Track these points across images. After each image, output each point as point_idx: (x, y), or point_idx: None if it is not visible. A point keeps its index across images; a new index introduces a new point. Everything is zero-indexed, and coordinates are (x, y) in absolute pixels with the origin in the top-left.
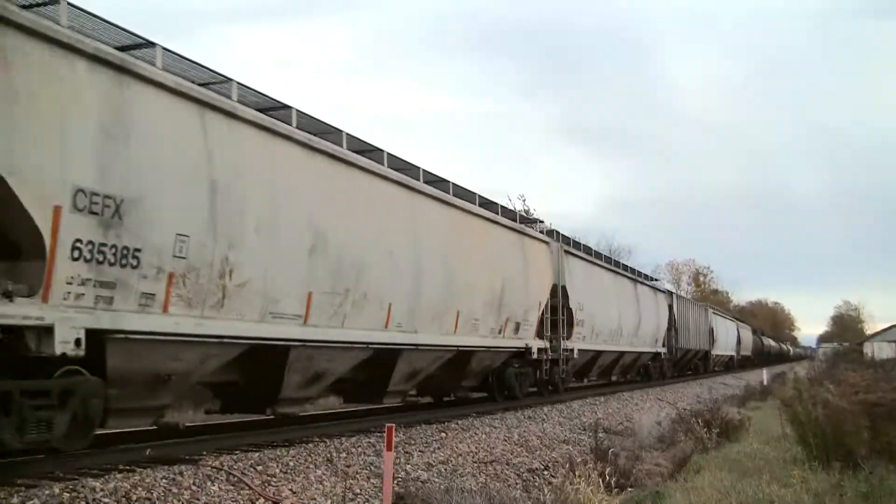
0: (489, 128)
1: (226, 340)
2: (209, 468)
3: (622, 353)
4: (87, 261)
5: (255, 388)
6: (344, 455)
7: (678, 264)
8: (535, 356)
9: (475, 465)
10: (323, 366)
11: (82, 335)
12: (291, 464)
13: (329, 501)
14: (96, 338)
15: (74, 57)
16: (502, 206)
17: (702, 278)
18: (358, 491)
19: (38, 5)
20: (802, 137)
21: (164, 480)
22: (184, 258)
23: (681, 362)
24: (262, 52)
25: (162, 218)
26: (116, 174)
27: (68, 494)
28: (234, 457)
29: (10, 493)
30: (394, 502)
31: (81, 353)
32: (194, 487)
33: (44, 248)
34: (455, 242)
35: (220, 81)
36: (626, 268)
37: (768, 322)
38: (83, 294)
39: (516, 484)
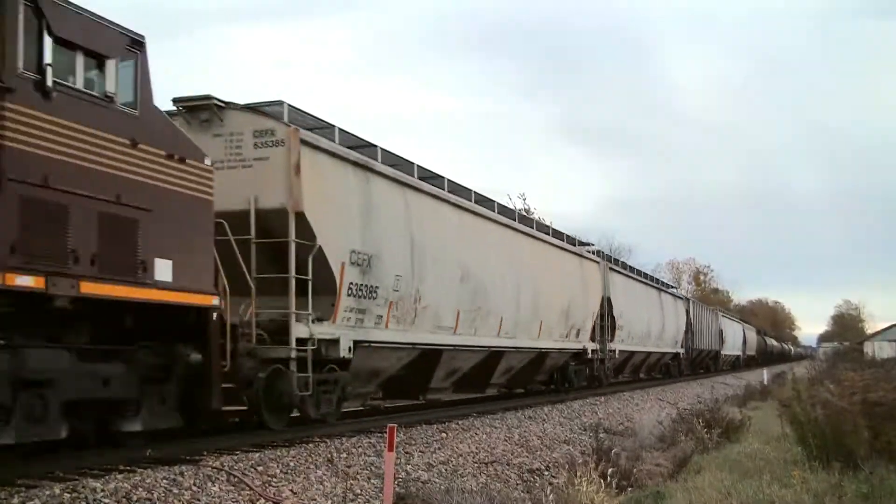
0: (489, 128)
1: (416, 346)
2: (210, 468)
3: (650, 353)
4: (353, 296)
5: (414, 381)
6: (344, 455)
7: (678, 263)
8: (589, 356)
9: (476, 465)
10: (458, 364)
11: (351, 345)
12: (292, 464)
13: (329, 502)
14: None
15: (346, 164)
16: (567, 235)
17: (702, 277)
18: (358, 491)
19: (320, 128)
20: (802, 137)
21: (164, 481)
22: (397, 291)
23: (695, 361)
24: (263, 51)
25: (388, 265)
26: (368, 239)
27: (69, 495)
28: (235, 457)
29: (11, 494)
30: (394, 503)
31: (351, 356)
32: (195, 488)
33: (334, 289)
34: (539, 267)
35: (405, 164)
36: (652, 279)
37: (768, 321)
38: (350, 318)
39: (517, 485)
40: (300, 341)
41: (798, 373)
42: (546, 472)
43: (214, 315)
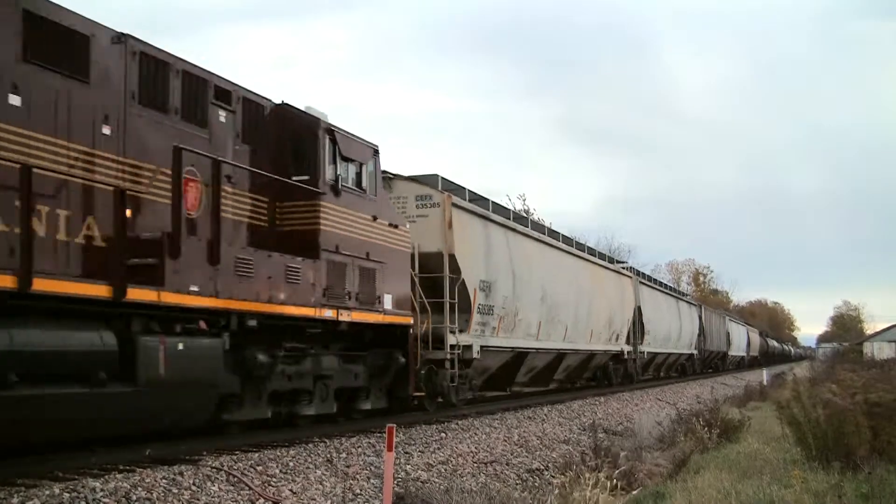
0: (489, 127)
1: (514, 349)
2: (209, 468)
3: (669, 354)
4: (480, 313)
5: (503, 377)
6: (344, 455)
7: (678, 264)
8: (625, 356)
9: (475, 465)
10: (536, 363)
11: (479, 348)
12: (291, 464)
13: (329, 502)
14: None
15: (475, 216)
16: (609, 256)
17: (702, 278)
18: (358, 491)
19: (456, 189)
20: (802, 137)
21: (163, 480)
22: (504, 308)
23: (706, 361)
24: (265, 51)
25: (500, 289)
26: (489, 270)
27: (68, 494)
28: (234, 457)
29: (11, 493)
30: (394, 502)
31: (477, 357)
32: (194, 487)
33: (469, 308)
34: (591, 284)
35: (503, 209)
36: (672, 288)
37: (768, 322)
38: (478, 329)
39: (516, 484)
40: (451, 347)
41: (798, 373)
42: (545, 472)
43: (411, 330)
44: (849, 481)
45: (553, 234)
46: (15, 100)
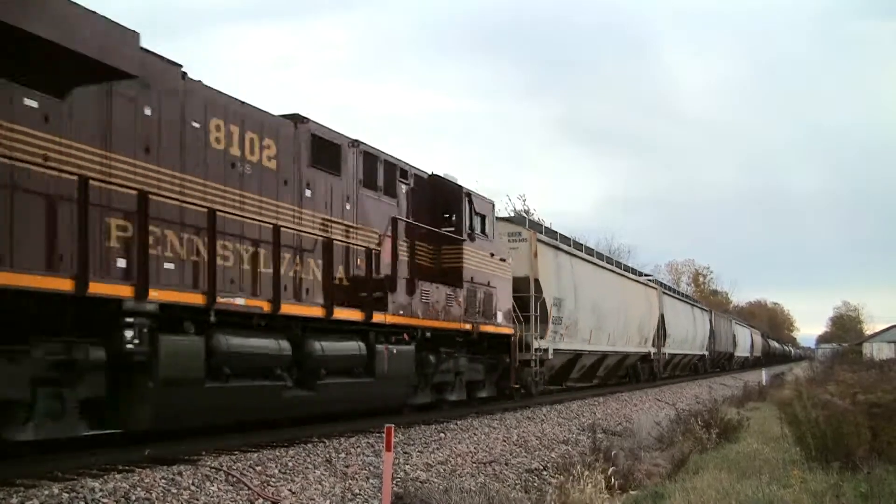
0: (489, 127)
1: (573, 351)
2: (208, 468)
3: (685, 355)
4: (553, 323)
5: (561, 374)
6: (343, 455)
7: (678, 265)
8: (651, 357)
9: (474, 465)
10: (586, 362)
11: (552, 350)
12: (290, 464)
13: (328, 501)
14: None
15: (549, 247)
16: (638, 270)
17: (701, 279)
18: (357, 491)
19: (534, 225)
20: (802, 137)
21: (163, 480)
22: (569, 318)
23: (715, 361)
24: (265, 51)
25: (566, 304)
26: (559, 289)
27: (67, 494)
28: (233, 457)
29: (10, 493)
30: (393, 502)
31: (552, 357)
32: (193, 487)
33: (546, 319)
34: (627, 297)
35: (563, 238)
36: (688, 297)
37: (768, 323)
38: (551, 336)
39: (515, 484)
40: (535, 350)
41: (798, 374)
42: (545, 472)
43: (513, 338)
44: (848, 481)
45: (599, 255)
46: (308, 193)
